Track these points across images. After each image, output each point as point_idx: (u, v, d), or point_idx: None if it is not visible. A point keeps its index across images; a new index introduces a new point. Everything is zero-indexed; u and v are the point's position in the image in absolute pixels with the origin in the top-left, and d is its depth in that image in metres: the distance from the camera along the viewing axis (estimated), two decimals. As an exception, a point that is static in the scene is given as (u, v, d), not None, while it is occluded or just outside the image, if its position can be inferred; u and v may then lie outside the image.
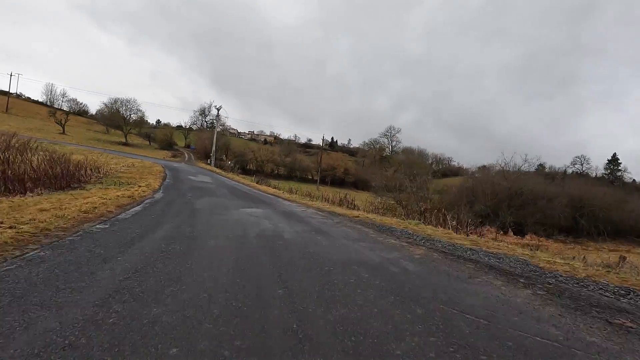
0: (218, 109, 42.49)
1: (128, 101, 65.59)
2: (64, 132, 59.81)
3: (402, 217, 12.72)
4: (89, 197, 8.63)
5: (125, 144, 64.74)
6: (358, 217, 9.98)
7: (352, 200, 18.60)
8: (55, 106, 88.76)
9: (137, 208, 8.03)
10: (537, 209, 32.83)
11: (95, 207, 7.20)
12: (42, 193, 9.49)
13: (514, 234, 31.28)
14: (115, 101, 64.11)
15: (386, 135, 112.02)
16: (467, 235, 10.19)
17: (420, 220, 11.58)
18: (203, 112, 78.87)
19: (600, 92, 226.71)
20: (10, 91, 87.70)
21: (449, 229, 9.94)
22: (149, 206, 8.57)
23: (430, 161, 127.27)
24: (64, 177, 11.76)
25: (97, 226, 5.59)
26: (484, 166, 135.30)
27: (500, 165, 40.09)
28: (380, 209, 18.08)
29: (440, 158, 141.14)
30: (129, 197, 9.53)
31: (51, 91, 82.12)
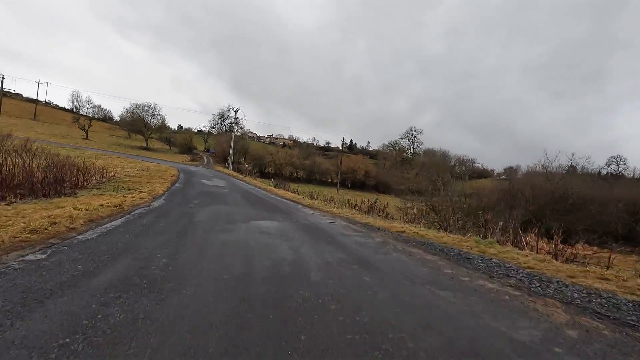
0: (236, 111, 41.30)
1: (149, 106, 65.93)
2: (87, 138, 60.59)
3: (458, 230, 10.26)
4: (61, 207, 6.85)
5: (146, 149, 65.05)
6: (403, 232, 7.70)
7: (384, 207, 16.27)
8: (81, 112, 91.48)
9: (116, 222, 6.15)
10: (587, 215, 29.13)
11: (55, 223, 5.33)
12: (14, 201, 7.84)
13: (562, 242, 27.84)
14: (137, 106, 64.57)
15: (407, 136, 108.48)
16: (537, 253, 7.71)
17: (485, 235, 9.12)
18: (222, 116, 78.56)
19: (634, 88, 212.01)
20: (39, 99, 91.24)
21: (528, 248, 7.47)
22: (134, 219, 6.69)
23: (452, 163, 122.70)
24: (55, 183, 10.19)
25: (25, 258, 3.65)
26: (511, 167, 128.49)
27: (541, 165, 36.49)
28: (419, 219, 15.56)
29: (463, 160, 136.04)
30: (115, 206, 7.71)
31: (77, 98, 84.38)
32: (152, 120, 67.32)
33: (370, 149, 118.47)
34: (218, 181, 22.14)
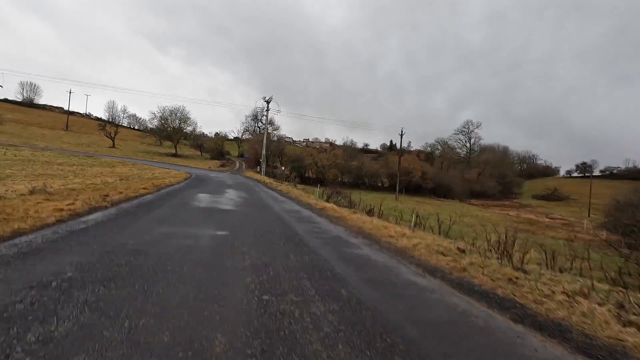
0: (268, 102, 33.14)
1: (177, 109, 60.40)
2: (113, 146, 56.10)
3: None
4: None
5: (175, 155, 59.52)
6: None
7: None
8: (116, 122, 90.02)
9: None
10: None
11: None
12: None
13: None
14: (164, 109, 59.29)
15: (462, 131, 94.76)
16: None
17: None
18: (255, 117, 71.52)
19: None
20: (79, 111, 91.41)
21: None
22: None
23: (512, 160, 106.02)
24: None
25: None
26: (585, 163, 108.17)
27: None
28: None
29: (524, 157, 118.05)
30: None
31: (112, 107, 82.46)
32: (181, 125, 61.76)
33: (412, 149, 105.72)
34: (236, 194, 13.40)
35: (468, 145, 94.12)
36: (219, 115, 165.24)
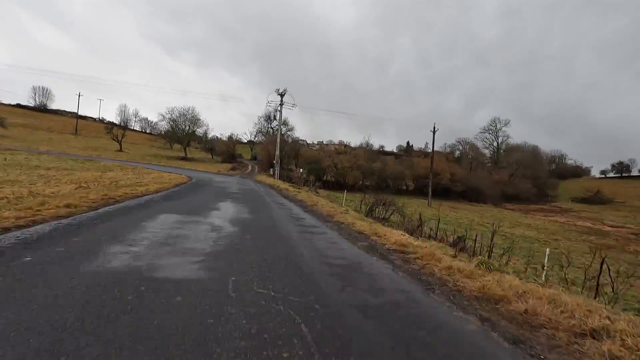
0: (282, 94, 28.80)
1: (187, 110, 57.20)
2: (121, 149, 53.28)
3: None
4: None
5: (185, 159, 56.24)
6: None
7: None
8: (127, 125, 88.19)
9: None
10: None
11: None
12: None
13: None
14: (172, 110, 56.16)
15: (489, 130, 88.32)
16: None
17: None
18: (268, 118, 67.86)
19: None
20: (94, 116, 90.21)
21: None
22: None
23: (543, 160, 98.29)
24: None
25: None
26: (622, 163, 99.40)
27: None
28: None
29: (553, 156, 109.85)
30: None
31: (124, 112, 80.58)
32: (190, 127, 58.53)
33: (429, 150, 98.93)
34: (228, 211, 9.05)
35: (495, 144, 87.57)
36: (231, 119, 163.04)
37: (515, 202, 62.86)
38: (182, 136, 57.33)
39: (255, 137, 75.53)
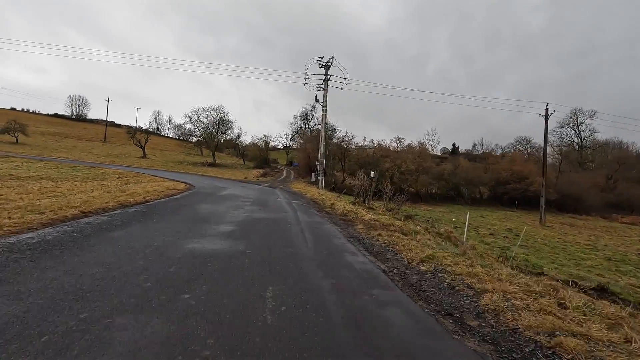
0: (327, 65, 19.79)
1: (214, 110, 50.69)
2: (144, 156, 47.80)
3: None
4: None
5: (212, 165, 49.59)
6: None
7: None
8: (163, 134, 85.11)
9: None
10: None
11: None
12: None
13: None
14: (199, 110, 49.90)
15: (569, 123, 72.81)
16: None
17: None
18: (305, 117, 59.73)
19: None
20: (130, 125, 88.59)
21: None
22: None
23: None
24: None
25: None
26: None
27: None
28: None
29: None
30: None
31: (157, 118, 77.28)
32: (219, 129, 51.96)
33: (477, 152, 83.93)
34: None
35: (578, 140, 71.83)
36: (267, 127, 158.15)
37: (623, 212, 48.38)
38: (209, 139, 50.81)
39: (291, 140, 67.86)
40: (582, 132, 72.83)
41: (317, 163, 21.57)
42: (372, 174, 13.20)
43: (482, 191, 41.61)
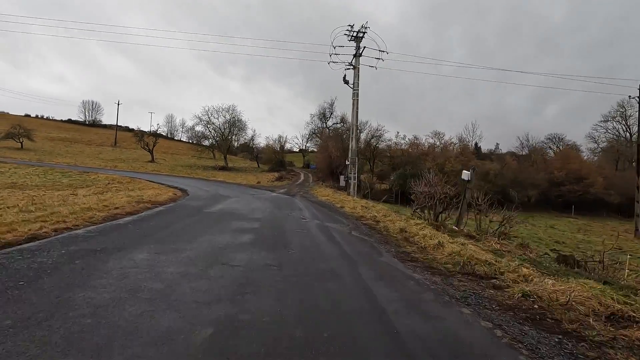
0: (358, 36, 15.47)
1: (225, 109, 47.12)
2: (152, 160, 44.63)
3: None
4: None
5: (224, 168, 45.93)
6: None
7: None
8: (176, 138, 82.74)
9: None
10: None
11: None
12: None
13: None
14: (209, 111, 46.42)
15: (617, 115, 65.25)
16: None
17: None
18: (323, 115, 55.44)
19: None
20: (144, 129, 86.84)
21: None
22: None
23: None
24: None
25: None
26: None
27: None
28: None
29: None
30: None
31: (170, 122, 74.92)
32: (232, 131, 48.34)
33: (500, 152, 76.08)
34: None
35: (626, 134, 64.16)
36: (279, 130, 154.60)
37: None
38: (221, 142, 47.22)
39: (308, 140, 63.73)
40: (630, 126, 65.54)
41: (346, 162, 17.09)
42: (464, 174, 8.39)
43: (529, 194, 36.02)
